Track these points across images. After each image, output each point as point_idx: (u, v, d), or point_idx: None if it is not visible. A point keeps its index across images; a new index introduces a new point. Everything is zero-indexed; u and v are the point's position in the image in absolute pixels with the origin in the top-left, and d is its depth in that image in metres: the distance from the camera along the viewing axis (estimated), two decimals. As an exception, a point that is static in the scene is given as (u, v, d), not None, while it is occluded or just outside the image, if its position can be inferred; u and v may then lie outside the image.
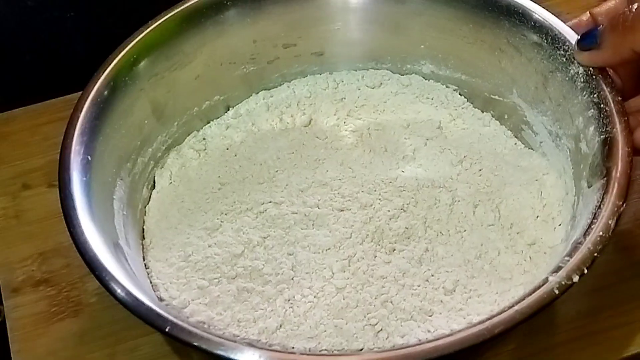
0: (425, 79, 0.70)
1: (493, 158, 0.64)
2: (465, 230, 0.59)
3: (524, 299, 0.46)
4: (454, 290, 0.56)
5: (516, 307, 0.46)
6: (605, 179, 0.52)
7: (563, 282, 0.47)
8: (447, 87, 0.69)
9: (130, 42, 0.62)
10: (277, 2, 0.67)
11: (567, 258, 0.48)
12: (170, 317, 0.47)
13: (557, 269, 0.48)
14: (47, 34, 0.77)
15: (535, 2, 0.62)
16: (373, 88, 0.70)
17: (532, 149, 0.64)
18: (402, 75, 0.71)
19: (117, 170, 0.60)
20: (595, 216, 0.50)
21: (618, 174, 0.51)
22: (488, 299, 0.55)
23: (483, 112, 0.68)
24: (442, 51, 0.68)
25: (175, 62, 0.65)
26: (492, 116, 0.67)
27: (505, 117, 0.66)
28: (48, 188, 0.68)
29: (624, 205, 0.50)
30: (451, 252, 0.58)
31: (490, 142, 0.65)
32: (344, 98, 0.70)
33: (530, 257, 0.57)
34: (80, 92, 0.58)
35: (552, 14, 0.61)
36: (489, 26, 0.64)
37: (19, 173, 0.70)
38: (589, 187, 0.54)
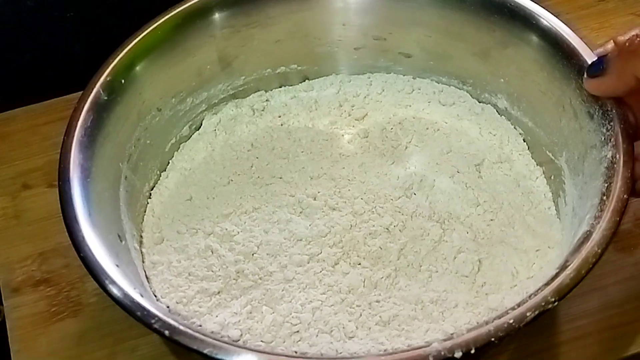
0: (499, 114, 0.67)
1: (513, 213, 0.60)
2: (436, 272, 0.57)
3: (396, 353, 0.45)
4: (388, 324, 0.54)
5: (383, 358, 0.45)
6: (557, 271, 0.48)
7: (442, 353, 0.45)
8: (515, 128, 0.66)
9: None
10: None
11: (463, 331, 0.46)
12: (169, 320, 0.47)
13: (448, 338, 0.46)
14: (47, 34, 0.77)
15: (534, 2, 0.60)
16: (444, 105, 0.68)
17: (559, 218, 0.60)
18: (480, 102, 0.68)
19: (155, 101, 0.63)
20: (520, 303, 0.47)
21: (567, 271, 0.48)
22: (415, 344, 0.53)
23: (537, 165, 0.64)
24: (518, 91, 0.65)
25: (255, 21, 0.66)
26: (543, 173, 0.63)
27: (552, 177, 0.62)
28: (48, 188, 0.68)
29: (555, 304, 0.46)
30: (411, 287, 0.56)
31: (522, 197, 0.62)
32: (410, 105, 0.69)
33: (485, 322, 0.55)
34: (81, 92, 0.58)
35: (553, 14, 0.60)
36: (559, 80, 0.60)
37: (19, 173, 0.70)
38: None
